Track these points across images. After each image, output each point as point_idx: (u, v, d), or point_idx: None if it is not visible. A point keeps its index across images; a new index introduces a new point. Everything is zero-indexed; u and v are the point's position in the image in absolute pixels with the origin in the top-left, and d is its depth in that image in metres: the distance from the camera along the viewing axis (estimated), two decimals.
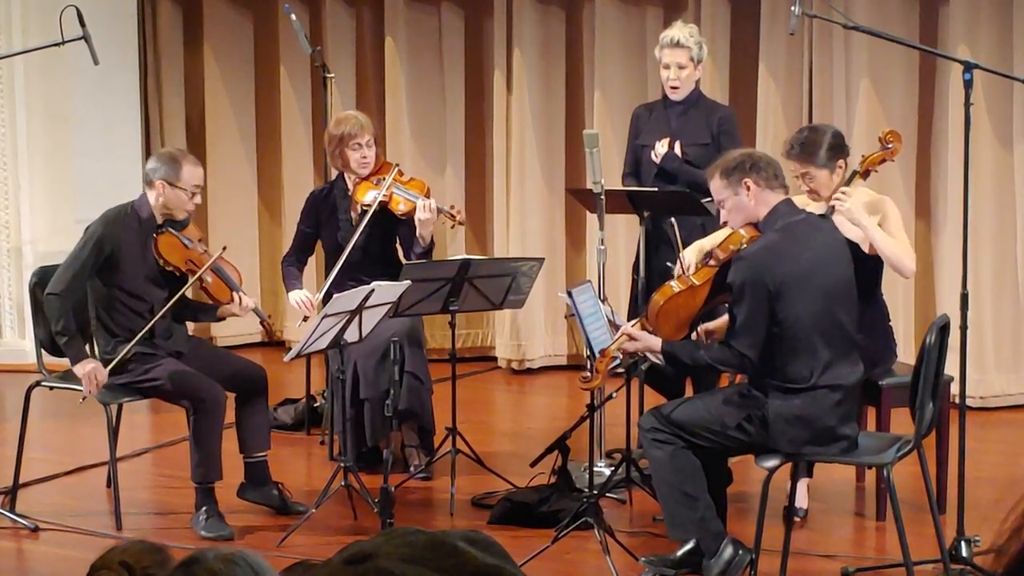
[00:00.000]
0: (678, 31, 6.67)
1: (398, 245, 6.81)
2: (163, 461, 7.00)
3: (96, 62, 6.55)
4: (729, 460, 5.55)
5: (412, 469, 6.61)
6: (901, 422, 5.70)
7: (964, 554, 5.41)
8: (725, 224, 5.35)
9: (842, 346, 5.19)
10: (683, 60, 6.62)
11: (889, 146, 5.83)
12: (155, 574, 2.36)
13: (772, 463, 5.18)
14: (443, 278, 6.22)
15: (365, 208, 6.66)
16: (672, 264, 5.89)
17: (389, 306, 6.00)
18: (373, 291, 5.84)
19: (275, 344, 9.21)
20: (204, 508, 5.92)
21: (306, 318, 6.68)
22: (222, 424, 5.98)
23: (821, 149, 5.72)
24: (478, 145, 9.11)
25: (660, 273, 6.19)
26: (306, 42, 7.71)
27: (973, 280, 6.81)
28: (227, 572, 2.07)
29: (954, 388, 5.85)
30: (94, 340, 6.13)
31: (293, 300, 6.74)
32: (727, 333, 5.23)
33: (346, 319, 5.83)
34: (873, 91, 7.96)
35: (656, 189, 6.47)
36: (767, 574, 5.27)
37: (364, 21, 9.21)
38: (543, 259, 6.75)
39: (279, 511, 6.15)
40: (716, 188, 5.28)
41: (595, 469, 5.95)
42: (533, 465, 6.24)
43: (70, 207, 8.74)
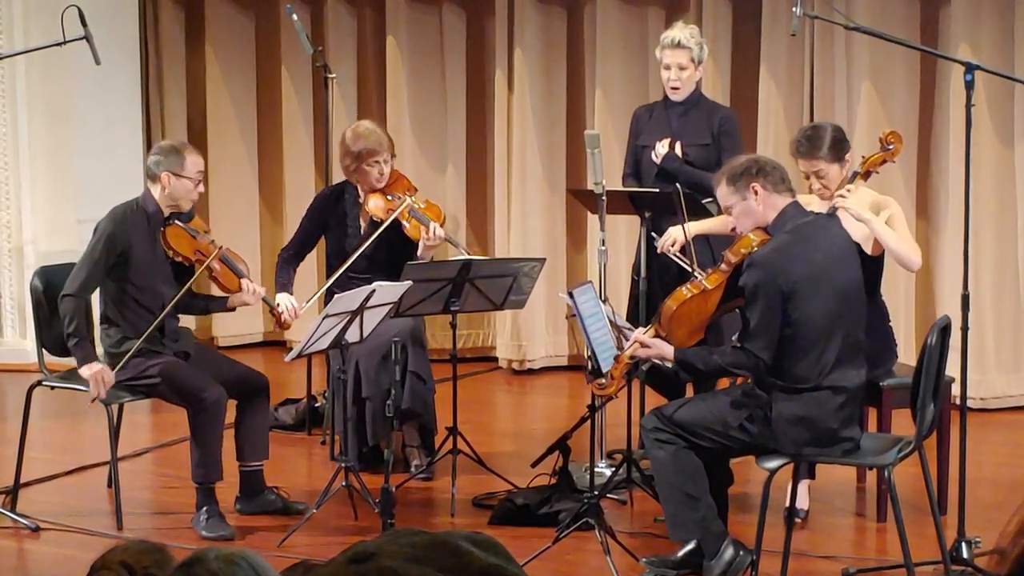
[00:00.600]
0: (679, 32, 6.67)
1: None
2: (164, 461, 7.00)
3: (98, 62, 6.55)
4: (730, 461, 5.55)
5: (413, 469, 6.61)
6: (902, 423, 5.70)
7: (965, 555, 5.41)
8: (734, 231, 5.35)
9: (849, 348, 5.18)
10: (684, 61, 6.62)
11: (890, 147, 5.82)
12: (156, 574, 2.36)
13: (773, 464, 5.18)
14: (444, 278, 6.21)
15: (376, 220, 6.65)
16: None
17: (390, 306, 6.00)
18: (374, 291, 5.84)
19: (277, 343, 9.23)
20: (205, 508, 5.92)
21: (286, 325, 6.60)
22: (222, 425, 5.97)
23: (826, 143, 5.76)
24: (479, 145, 9.10)
25: (664, 277, 6.22)
26: (307, 42, 7.70)
27: (974, 281, 6.80)
28: (228, 572, 2.07)
29: (955, 389, 5.85)
30: (101, 337, 6.11)
31: (280, 301, 6.57)
32: (740, 336, 5.21)
33: (347, 319, 5.83)
34: (874, 92, 7.96)
35: (658, 190, 6.47)
36: (768, 575, 5.27)
37: (365, 21, 9.21)
38: (544, 259, 6.74)
39: (280, 513, 6.14)
40: (723, 194, 5.27)
41: (596, 470, 5.95)
42: (534, 466, 6.25)
43: (71, 207, 8.74)
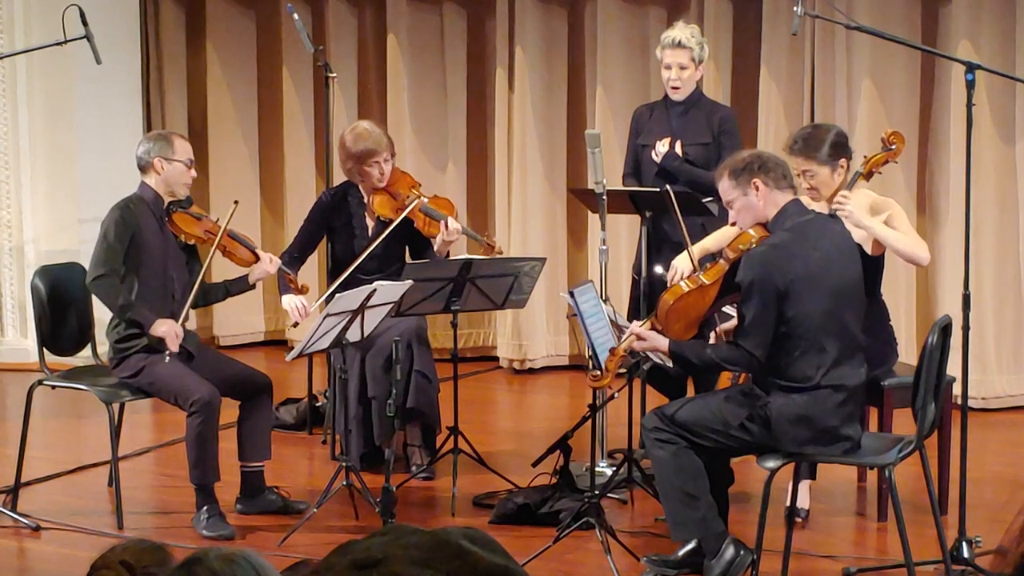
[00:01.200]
0: (679, 31, 6.67)
1: (408, 257, 6.79)
2: (165, 460, 6.99)
3: (98, 61, 6.55)
4: (731, 460, 5.54)
5: (414, 468, 6.61)
6: (903, 423, 5.70)
7: (966, 555, 5.41)
8: (734, 224, 5.35)
9: (848, 347, 5.18)
10: (684, 60, 6.62)
11: (892, 147, 5.82)
12: (156, 573, 2.35)
13: (774, 463, 5.18)
14: (445, 278, 6.21)
15: (384, 220, 6.64)
16: (665, 270, 5.96)
17: (391, 306, 5.99)
18: (375, 291, 5.84)
19: (278, 342, 9.24)
20: (205, 508, 5.92)
21: (296, 324, 6.64)
22: (216, 425, 5.94)
23: (824, 145, 5.70)
24: (480, 144, 9.10)
25: (654, 280, 6.21)
26: (308, 41, 7.70)
27: (975, 281, 6.80)
28: (228, 572, 2.07)
29: (956, 389, 5.85)
30: (108, 330, 6.08)
31: (287, 304, 6.57)
32: (735, 332, 5.23)
33: (348, 318, 5.83)
34: (875, 91, 7.95)
35: (659, 189, 6.47)
36: (768, 574, 5.27)
37: (366, 20, 9.21)
38: (545, 259, 6.73)
39: (280, 512, 6.14)
40: (725, 188, 5.28)
41: (597, 469, 5.95)
42: (535, 465, 6.25)
43: (72, 206, 8.74)
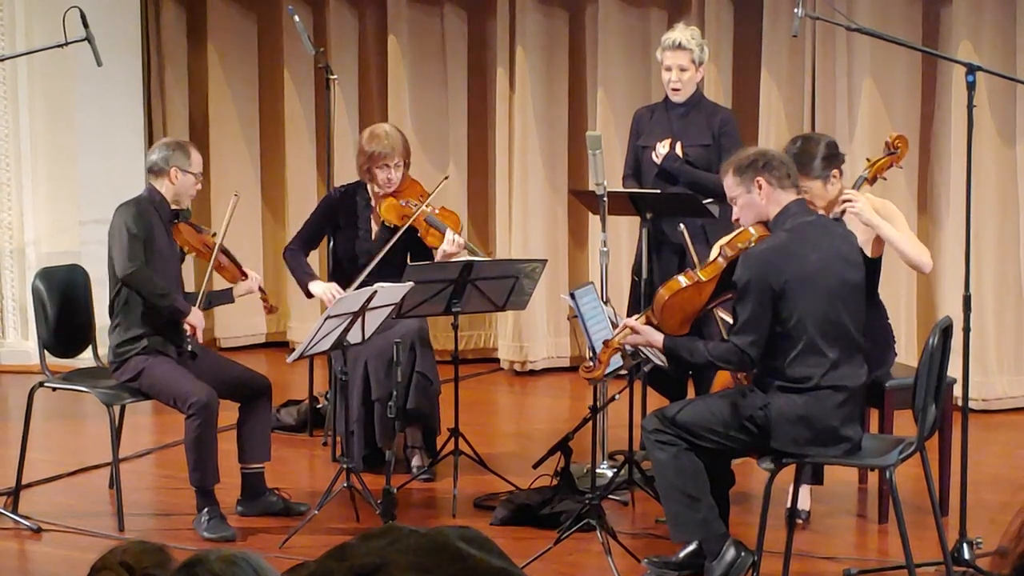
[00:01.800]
0: (680, 33, 6.67)
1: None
2: (165, 462, 6.99)
3: (99, 63, 6.55)
4: (732, 462, 5.55)
5: (414, 470, 6.61)
6: (904, 424, 5.70)
7: (966, 556, 5.41)
8: (736, 222, 5.35)
9: (847, 348, 5.18)
10: (685, 62, 6.62)
11: (896, 151, 5.81)
12: (156, 575, 2.35)
13: (774, 465, 5.18)
14: (446, 279, 6.21)
15: (389, 225, 6.64)
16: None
17: (392, 307, 5.99)
18: (376, 292, 5.84)
19: (279, 344, 9.24)
20: (206, 510, 5.92)
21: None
22: (214, 428, 5.94)
23: (815, 160, 5.67)
24: (480, 145, 9.10)
25: (664, 278, 6.20)
26: (309, 43, 7.70)
27: (975, 282, 6.80)
28: (229, 573, 2.07)
29: (957, 390, 5.85)
30: (110, 333, 6.08)
31: (319, 292, 6.62)
32: (729, 330, 5.23)
33: (349, 320, 5.83)
34: (875, 92, 7.95)
35: (659, 191, 6.47)
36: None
37: (367, 21, 9.21)
38: (546, 260, 6.73)
39: (281, 514, 6.14)
40: (729, 185, 5.28)
41: (597, 471, 5.95)
42: (535, 467, 6.25)
43: (73, 208, 8.74)
